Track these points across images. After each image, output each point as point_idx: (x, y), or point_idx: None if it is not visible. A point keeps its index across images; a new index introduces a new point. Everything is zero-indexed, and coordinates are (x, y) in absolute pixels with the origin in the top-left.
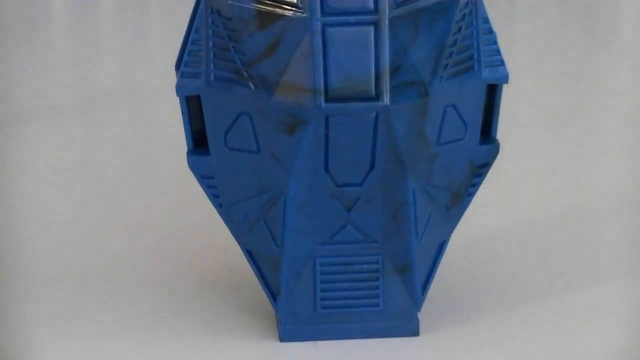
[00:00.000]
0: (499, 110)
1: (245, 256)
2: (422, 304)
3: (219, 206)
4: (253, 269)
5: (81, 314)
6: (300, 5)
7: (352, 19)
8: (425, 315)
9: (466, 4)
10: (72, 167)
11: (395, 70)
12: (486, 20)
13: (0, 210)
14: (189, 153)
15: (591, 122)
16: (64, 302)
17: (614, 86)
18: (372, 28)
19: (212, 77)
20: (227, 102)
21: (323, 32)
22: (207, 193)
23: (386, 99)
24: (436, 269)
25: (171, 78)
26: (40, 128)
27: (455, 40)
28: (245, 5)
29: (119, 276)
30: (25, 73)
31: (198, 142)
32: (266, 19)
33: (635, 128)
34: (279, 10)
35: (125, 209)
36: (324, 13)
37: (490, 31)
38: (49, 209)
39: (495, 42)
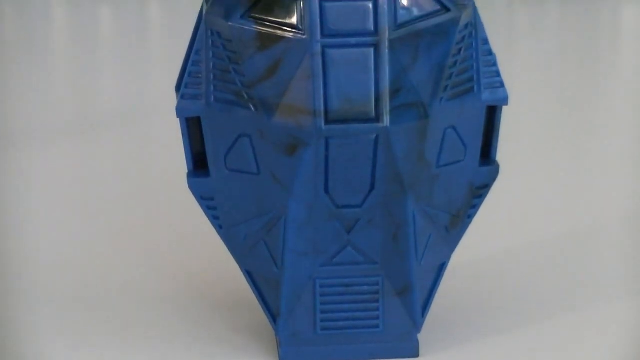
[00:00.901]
0: (498, 131)
1: (246, 277)
2: (422, 326)
3: (219, 227)
4: (253, 290)
5: (79, 333)
6: (300, 27)
7: (352, 40)
8: (425, 336)
9: (466, 26)
10: (72, 188)
11: (395, 91)
12: (486, 41)
13: (1, 230)
14: (189, 175)
15: (592, 143)
16: (63, 320)
17: (615, 107)
18: (372, 50)
19: (213, 99)
20: (228, 124)
21: (323, 54)
22: (207, 214)
23: (386, 121)
24: (436, 290)
25: (171, 99)
26: (40, 149)
27: (455, 62)
28: (245, 27)
29: (118, 296)
30: (24, 94)
31: (198, 164)
32: (266, 41)
33: (637, 148)
34: (279, 32)
35: (125, 230)
36: (324, 35)
37: (490, 53)
38: (50, 228)
39: (495, 64)
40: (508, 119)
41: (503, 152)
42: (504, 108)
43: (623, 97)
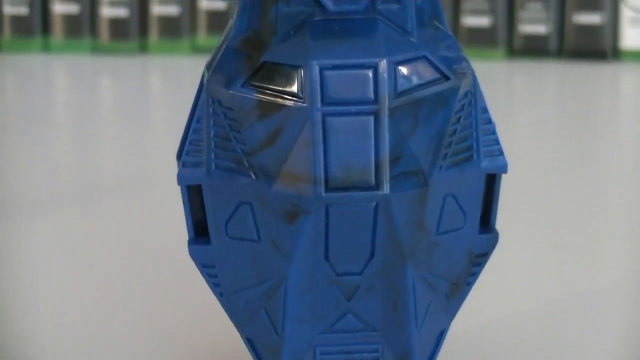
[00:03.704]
0: (498, 199)
1: (246, 345)
2: None
3: (219, 295)
4: (254, 358)
5: None
6: (300, 95)
7: (352, 108)
8: None
9: (465, 94)
10: (73, 256)
11: (395, 159)
12: (485, 110)
13: (1, 301)
14: (190, 242)
15: (591, 213)
16: None
17: (615, 176)
18: (372, 118)
19: (213, 167)
20: (228, 192)
21: (323, 122)
22: (208, 282)
23: (386, 189)
24: (436, 357)
25: (172, 167)
26: (40, 219)
27: (455, 130)
28: (246, 95)
29: None
30: (24, 163)
31: (199, 231)
32: (267, 109)
33: (636, 219)
34: (279, 100)
35: (126, 298)
36: (324, 103)
37: (489, 121)
38: (50, 300)
39: (494, 132)
40: (507, 186)
41: (502, 220)
42: (503, 176)
43: (623, 166)
